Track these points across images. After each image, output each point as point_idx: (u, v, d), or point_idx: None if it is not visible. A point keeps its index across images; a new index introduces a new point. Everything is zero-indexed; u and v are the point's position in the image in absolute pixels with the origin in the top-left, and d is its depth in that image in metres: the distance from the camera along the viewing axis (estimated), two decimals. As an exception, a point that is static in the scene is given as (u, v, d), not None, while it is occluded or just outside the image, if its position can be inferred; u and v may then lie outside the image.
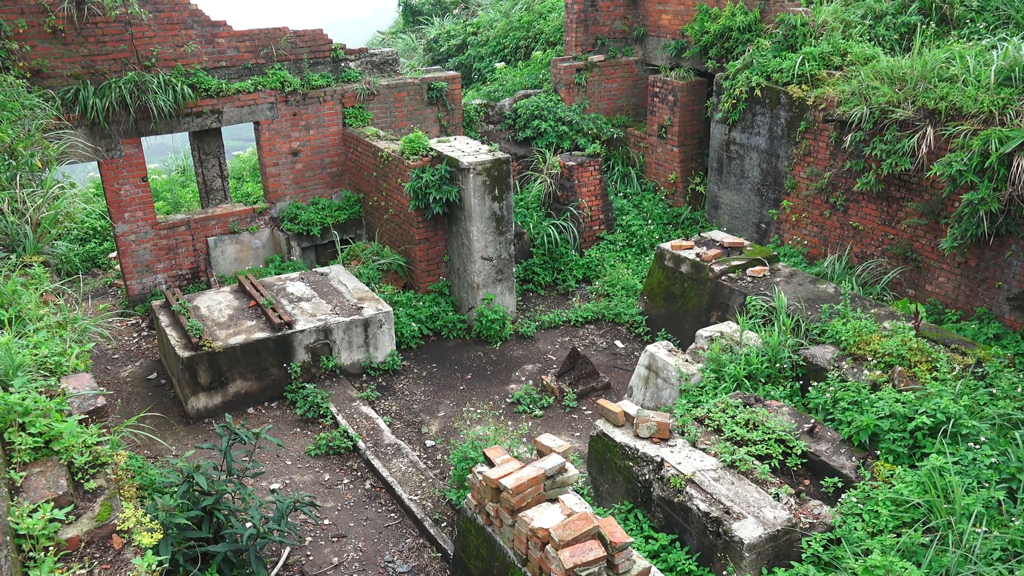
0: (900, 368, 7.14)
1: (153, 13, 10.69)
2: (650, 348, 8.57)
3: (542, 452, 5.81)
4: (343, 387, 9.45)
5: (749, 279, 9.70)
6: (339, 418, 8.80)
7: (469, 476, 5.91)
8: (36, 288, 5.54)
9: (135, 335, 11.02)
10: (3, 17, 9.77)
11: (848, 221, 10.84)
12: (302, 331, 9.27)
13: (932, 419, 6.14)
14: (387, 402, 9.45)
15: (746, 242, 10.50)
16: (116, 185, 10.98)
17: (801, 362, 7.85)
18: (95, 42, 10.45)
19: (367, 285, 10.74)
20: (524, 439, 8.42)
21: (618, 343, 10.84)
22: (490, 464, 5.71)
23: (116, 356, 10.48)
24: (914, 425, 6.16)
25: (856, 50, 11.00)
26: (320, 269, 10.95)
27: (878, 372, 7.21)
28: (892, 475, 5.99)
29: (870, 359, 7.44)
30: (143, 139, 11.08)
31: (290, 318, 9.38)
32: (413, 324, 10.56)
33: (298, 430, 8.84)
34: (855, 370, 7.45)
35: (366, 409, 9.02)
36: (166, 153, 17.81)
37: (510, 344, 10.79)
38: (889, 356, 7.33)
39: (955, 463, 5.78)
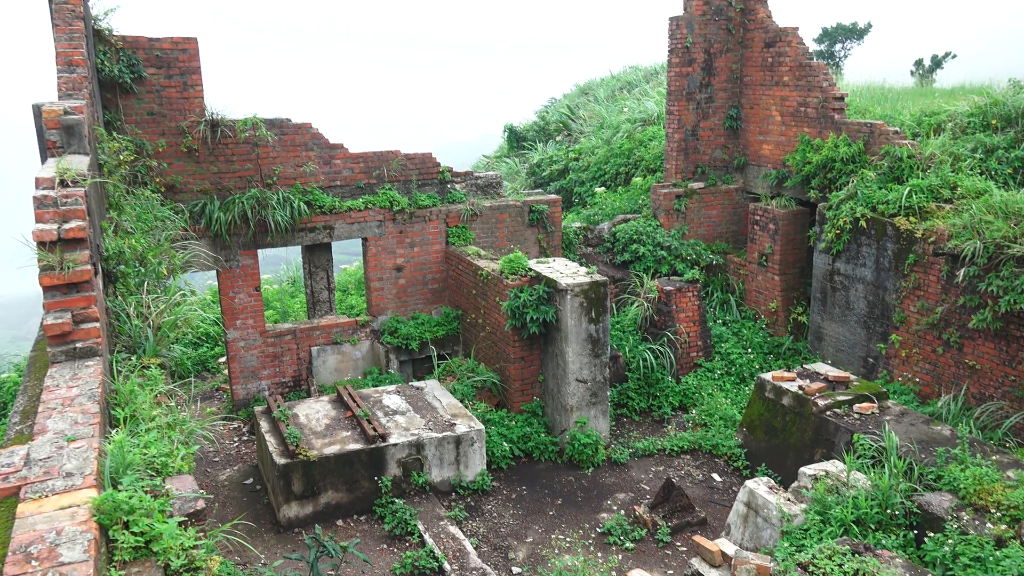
0: (1028, 522, 6.57)
1: (278, 136, 11.50)
2: (749, 484, 8.19)
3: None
4: (432, 505, 9.35)
5: (856, 416, 9.26)
6: (426, 537, 8.67)
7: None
8: (151, 389, 5.79)
9: (236, 439, 11.30)
10: (147, 137, 10.70)
11: (963, 359, 10.30)
12: (395, 445, 9.31)
13: (1069, 582, 5.59)
14: (475, 523, 9.28)
15: (852, 376, 10.09)
16: (231, 294, 11.57)
17: (915, 509, 7.33)
18: (224, 161, 11.27)
19: (461, 401, 10.78)
20: (614, 573, 8.06)
21: (715, 476, 10.42)
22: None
23: (217, 459, 10.74)
24: (1048, 588, 5.61)
25: (967, 183, 10.76)
26: (416, 383, 11.08)
27: (1003, 526, 6.65)
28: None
29: (993, 511, 6.89)
30: (259, 251, 11.71)
31: (384, 431, 9.46)
32: (505, 444, 10.47)
33: (384, 546, 8.74)
34: (976, 522, 6.89)
35: (453, 529, 8.86)
36: (279, 264, 18.73)
37: (602, 470, 10.52)
38: (1015, 509, 6.77)
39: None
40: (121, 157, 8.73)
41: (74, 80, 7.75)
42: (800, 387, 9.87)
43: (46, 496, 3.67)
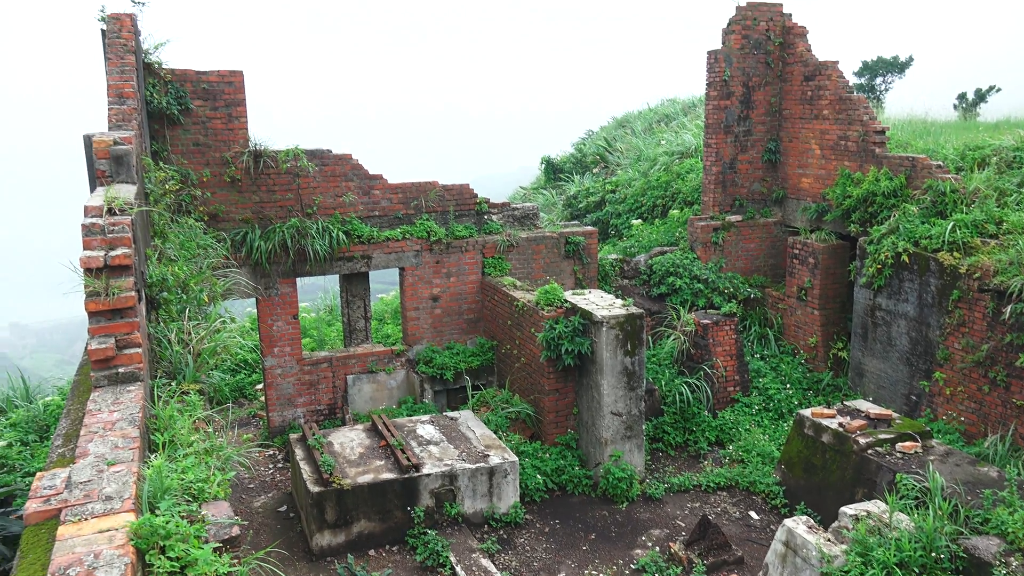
0: (1081, 569, 6.33)
1: (319, 166, 11.69)
2: (788, 523, 8.02)
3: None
4: (464, 536, 9.29)
5: (899, 455, 9.04)
6: (458, 569, 8.61)
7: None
8: (190, 415, 5.86)
9: (271, 466, 11.37)
10: (192, 167, 10.95)
11: (1011, 398, 10.03)
12: (428, 475, 9.29)
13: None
14: (507, 556, 9.19)
15: (894, 414, 9.87)
16: (270, 321, 11.71)
17: (961, 553, 7.11)
18: (266, 191, 11.47)
19: (495, 432, 10.74)
20: (648, 610, 7.91)
21: (752, 514, 10.22)
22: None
23: (251, 486, 10.80)
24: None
25: (1013, 218, 10.55)
26: (450, 413, 11.08)
27: (1054, 572, 6.42)
28: None
29: (1044, 556, 6.66)
30: (298, 279, 11.86)
31: (418, 460, 9.45)
32: (538, 476, 10.39)
33: (415, 577, 8.69)
34: (1026, 567, 6.66)
35: (485, 562, 8.79)
36: (317, 293, 18.95)
37: (637, 505, 10.38)
38: (1067, 554, 6.53)
39: None
40: (167, 186, 8.94)
41: (124, 112, 7.98)
42: (840, 424, 9.67)
43: (85, 519, 3.72)
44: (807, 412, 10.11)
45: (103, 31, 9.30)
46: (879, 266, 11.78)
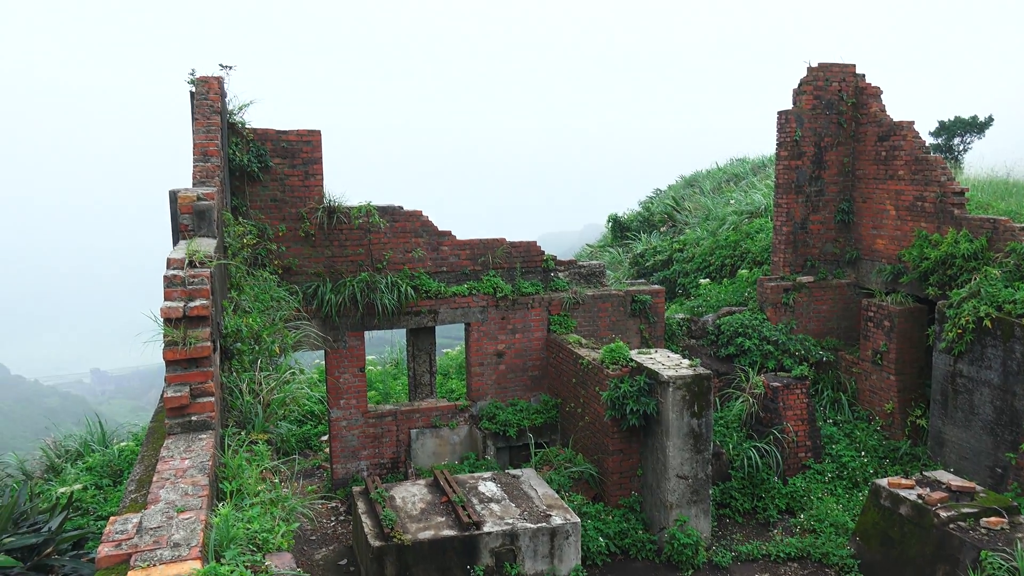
0: None
1: (390, 223, 11.95)
2: (864, 598, 7.64)
3: None
4: (523, 598, 9.11)
5: (983, 531, 8.57)
6: (516, 631, 8.42)
7: None
8: (258, 465, 5.95)
9: (333, 519, 11.41)
10: (269, 222, 11.32)
11: (1106, 474, 9.44)
12: (488, 533, 9.19)
13: None
14: (567, 620, 8.96)
15: (978, 487, 9.40)
16: (337, 373, 11.89)
17: (1055, 639, 6.65)
18: (338, 245, 11.77)
19: (557, 492, 10.59)
20: None
21: (825, 586, 9.78)
22: None
23: (313, 537, 10.85)
24: None
25: (1105, 284, 10.08)
26: (512, 471, 10.98)
27: None
28: None
29: None
30: (366, 332, 12.05)
31: (478, 518, 9.37)
32: (600, 539, 10.17)
33: (474, 639, 8.53)
34: None
35: (545, 625, 8.59)
36: (383, 346, 19.17)
37: (702, 573, 10.04)
38: None
39: None
40: (245, 240, 9.25)
41: (208, 169, 8.35)
42: (920, 496, 9.24)
43: (154, 565, 3.79)
44: (884, 482, 9.70)
45: (192, 92, 9.80)
46: (960, 331, 11.35)
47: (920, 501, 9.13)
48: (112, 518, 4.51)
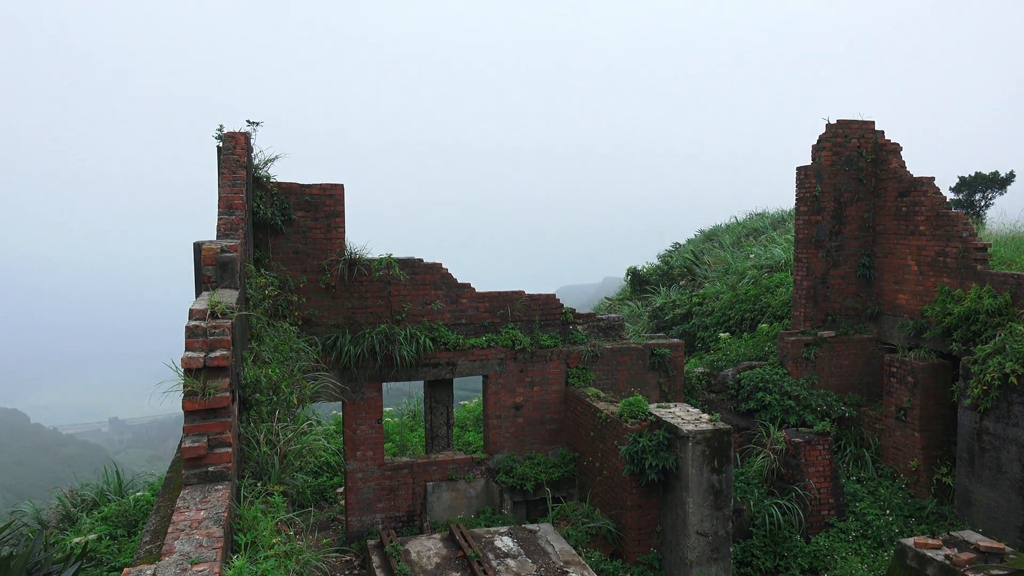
0: None
1: (410, 275, 12.04)
2: (891, 664, 7.40)
3: None
4: (540, 658, 8.91)
5: (1015, 594, 8.31)
6: None
7: None
8: (273, 516, 5.92)
9: (347, 572, 11.26)
10: (290, 274, 11.44)
11: None
12: (505, 590, 9.03)
13: None
14: None
15: (1008, 548, 9.14)
16: (354, 425, 11.86)
17: None
18: (358, 297, 11.85)
19: (575, 548, 10.41)
20: None
21: (851, 651, 9.48)
22: None
23: (326, 592, 10.69)
24: None
25: None
26: (529, 526, 10.83)
27: None
28: None
29: None
30: (384, 384, 12.04)
31: (494, 574, 9.21)
32: (619, 597, 9.96)
33: None
34: None
35: None
36: (401, 398, 19.13)
37: (724, 635, 9.78)
38: None
39: None
40: (266, 291, 9.35)
41: (232, 221, 8.48)
42: (947, 556, 9.00)
43: (167, 618, 3.75)
44: (910, 542, 9.47)
45: (219, 147, 10.01)
46: (985, 387, 11.18)
47: (948, 562, 8.89)
48: (126, 570, 4.49)
